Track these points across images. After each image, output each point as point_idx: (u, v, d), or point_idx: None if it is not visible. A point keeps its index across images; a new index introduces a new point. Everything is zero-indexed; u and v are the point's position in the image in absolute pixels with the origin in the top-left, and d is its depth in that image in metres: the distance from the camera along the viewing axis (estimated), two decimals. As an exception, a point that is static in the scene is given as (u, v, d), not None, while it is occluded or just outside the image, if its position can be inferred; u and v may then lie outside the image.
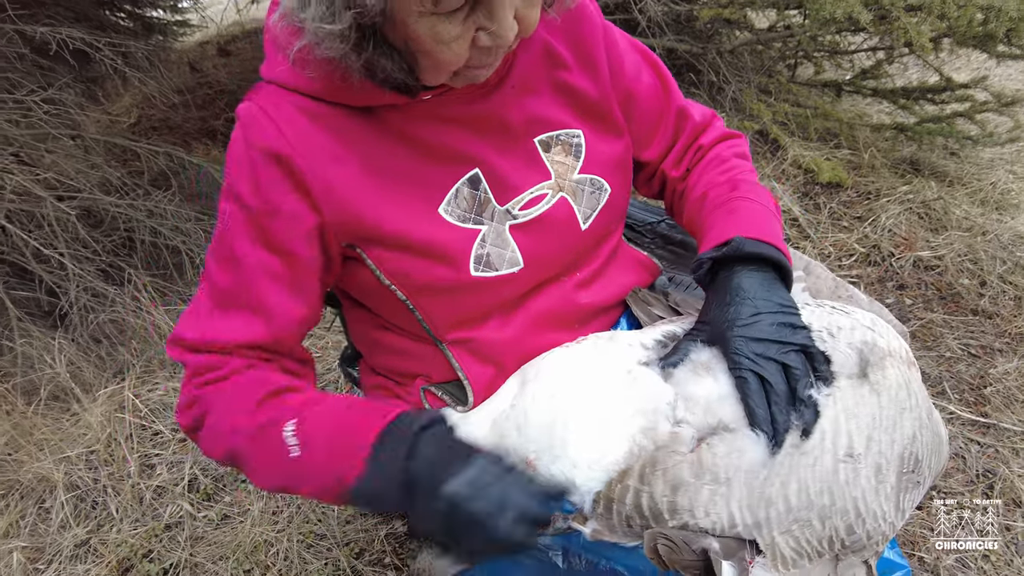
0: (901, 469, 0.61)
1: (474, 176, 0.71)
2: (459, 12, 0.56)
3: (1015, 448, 1.48)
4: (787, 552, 0.61)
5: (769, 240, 0.71)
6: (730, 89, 2.40)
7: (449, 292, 0.72)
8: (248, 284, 0.69)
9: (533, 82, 0.73)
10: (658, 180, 0.89)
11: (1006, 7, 1.65)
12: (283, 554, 1.38)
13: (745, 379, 0.62)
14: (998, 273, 1.95)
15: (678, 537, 0.60)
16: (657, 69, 0.84)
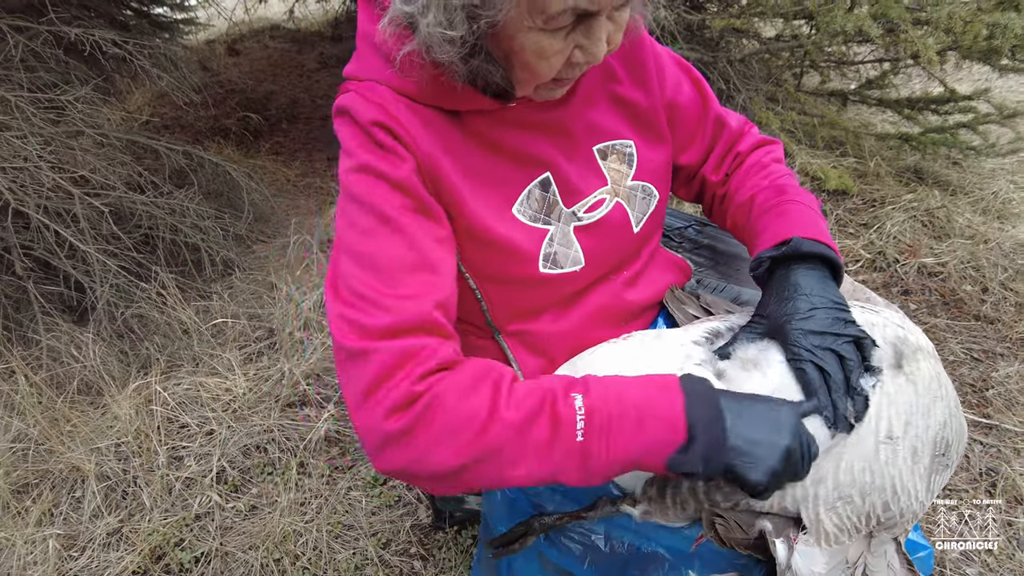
0: (934, 452, 0.66)
1: (545, 179, 0.76)
2: (562, 30, 0.61)
3: (1016, 448, 1.54)
4: (830, 528, 0.65)
5: (824, 240, 0.76)
6: (740, 97, 2.46)
7: (517, 285, 0.77)
8: (411, 243, 0.67)
9: (593, 94, 0.79)
10: (697, 183, 0.95)
11: (1012, 24, 1.72)
12: (312, 544, 1.42)
13: (804, 369, 0.67)
14: (999, 280, 2.01)
15: (732, 518, 0.65)
16: (696, 80, 0.89)
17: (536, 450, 0.62)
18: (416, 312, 0.64)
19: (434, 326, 0.65)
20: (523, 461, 0.62)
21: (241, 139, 3.70)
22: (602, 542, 0.82)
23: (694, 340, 0.76)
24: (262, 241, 2.73)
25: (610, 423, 0.61)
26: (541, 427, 0.61)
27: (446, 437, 0.61)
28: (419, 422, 0.61)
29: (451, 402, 0.61)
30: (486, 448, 0.61)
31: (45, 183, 1.80)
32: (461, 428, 0.61)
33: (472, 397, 0.62)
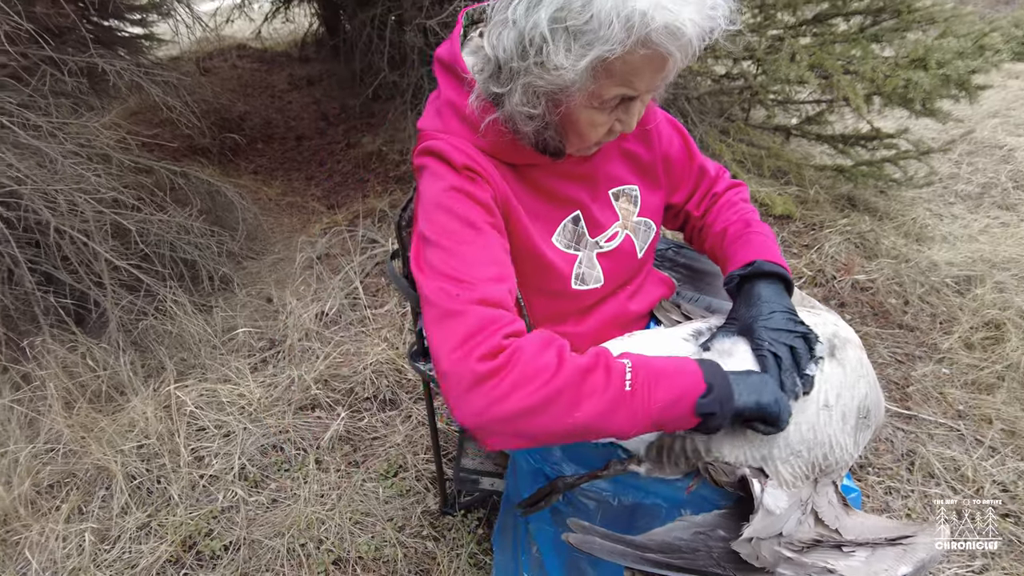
0: (858, 416, 0.90)
1: (576, 216, 0.98)
2: (608, 110, 0.82)
3: (931, 433, 1.83)
4: (787, 476, 0.89)
5: (779, 262, 1.01)
6: (697, 131, 2.75)
7: (553, 296, 0.98)
8: (489, 245, 0.83)
9: (608, 150, 1.01)
10: (681, 217, 1.18)
11: (920, 81, 2.05)
12: (335, 530, 1.58)
13: (765, 356, 0.89)
14: (918, 294, 2.34)
15: (718, 467, 0.88)
16: (684, 137, 1.13)
17: (592, 395, 0.76)
18: (497, 292, 0.80)
19: (508, 305, 0.81)
20: (583, 405, 0.76)
21: (221, 158, 3.81)
22: (612, 498, 1.03)
23: (683, 337, 0.99)
24: (252, 258, 2.86)
25: (650, 377, 0.79)
26: (598, 377, 0.77)
27: (524, 381, 0.75)
28: (503, 367, 0.75)
29: (528, 355, 0.76)
30: (555, 391, 0.75)
31: (59, 202, 1.91)
32: (536, 375, 0.75)
33: (544, 353, 0.77)
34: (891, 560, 0.85)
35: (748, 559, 0.83)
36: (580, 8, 0.71)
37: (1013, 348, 2.08)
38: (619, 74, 0.76)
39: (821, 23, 2.69)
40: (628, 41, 0.71)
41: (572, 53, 0.73)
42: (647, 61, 0.75)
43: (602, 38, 0.71)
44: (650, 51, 0.73)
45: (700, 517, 0.92)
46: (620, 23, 0.70)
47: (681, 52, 0.74)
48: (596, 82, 0.77)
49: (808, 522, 0.92)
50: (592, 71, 0.75)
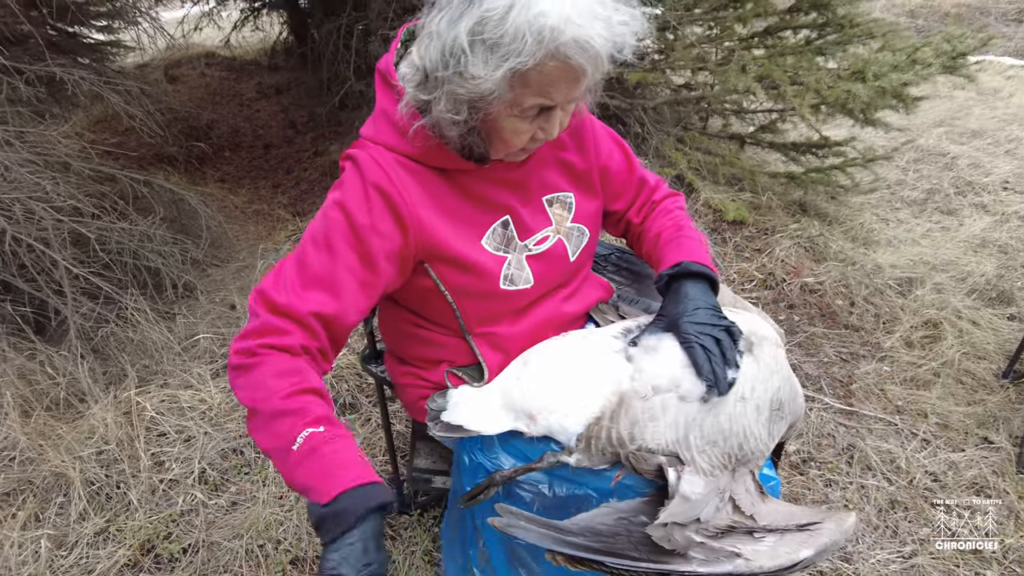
0: (771, 408, 0.97)
1: (505, 220, 1.03)
2: (530, 117, 0.88)
3: (870, 428, 1.92)
4: (704, 465, 0.95)
5: (704, 263, 1.07)
6: (653, 140, 2.83)
7: (483, 298, 1.04)
8: (333, 272, 0.91)
9: (544, 158, 1.07)
10: (623, 224, 1.25)
11: (859, 92, 2.15)
12: (292, 530, 1.61)
13: (693, 347, 0.95)
14: (863, 296, 2.44)
15: (639, 455, 0.94)
16: (624, 149, 1.19)
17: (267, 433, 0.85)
18: (301, 308, 0.89)
19: (304, 323, 0.89)
20: (261, 434, 0.86)
21: (187, 166, 3.81)
22: (547, 490, 1.08)
23: (613, 335, 1.05)
24: (216, 265, 2.88)
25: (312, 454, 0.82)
26: (283, 425, 0.84)
27: (247, 386, 0.87)
28: (243, 367, 0.87)
29: (263, 370, 0.86)
30: (256, 409, 0.86)
31: (15, 211, 1.92)
32: (257, 388, 0.86)
33: (279, 378, 0.85)
34: (796, 544, 0.92)
35: (660, 542, 0.89)
36: (496, 22, 0.77)
37: (948, 346, 2.19)
38: (535, 84, 0.82)
39: (772, 36, 2.80)
40: (539, 54, 0.77)
41: (489, 64, 0.79)
42: (560, 73, 0.81)
43: (515, 51, 0.77)
44: (561, 63, 0.79)
45: (624, 504, 0.98)
46: (532, 36, 0.76)
47: (591, 65, 0.80)
48: (513, 92, 0.83)
49: (726, 509, 0.98)
50: (508, 81, 0.81)
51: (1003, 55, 5.29)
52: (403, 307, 1.13)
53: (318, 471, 0.81)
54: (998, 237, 2.77)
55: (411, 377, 1.19)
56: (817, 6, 2.45)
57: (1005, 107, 4.19)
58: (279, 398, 0.85)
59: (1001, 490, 1.70)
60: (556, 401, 1.01)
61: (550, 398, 1.02)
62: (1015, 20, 6.00)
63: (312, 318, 0.90)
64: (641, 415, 0.95)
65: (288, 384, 0.86)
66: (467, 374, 1.13)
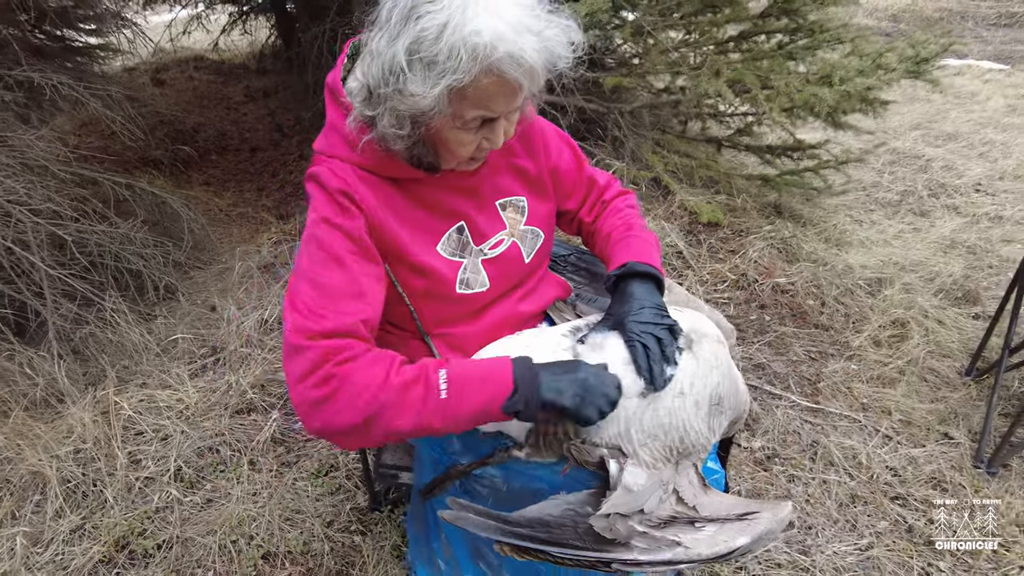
0: (711, 403, 1.01)
1: (460, 226, 1.07)
2: (474, 128, 0.91)
3: (835, 425, 1.96)
4: (646, 458, 0.99)
5: (650, 263, 1.11)
6: (630, 143, 2.88)
7: (440, 300, 1.07)
8: (352, 280, 0.93)
9: (496, 165, 1.10)
10: (576, 223, 1.29)
11: (824, 96, 2.20)
12: (265, 526, 1.65)
13: (634, 346, 1.00)
14: (833, 296, 2.49)
15: (582, 448, 0.97)
16: (573, 149, 1.23)
17: (412, 406, 0.88)
18: (345, 323, 0.90)
19: (356, 334, 0.91)
20: (404, 414, 0.88)
21: (172, 170, 3.84)
22: (502, 484, 1.12)
23: (562, 333, 1.09)
24: (199, 267, 2.91)
25: (464, 384, 0.90)
26: (417, 390, 0.88)
27: (352, 400, 0.87)
28: (333, 394, 0.87)
29: (356, 376, 0.87)
30: (379, 407, 0.87)
31: (12, 213, 1.95)
32: (361, 392, 0.87)
33: (370, 371, 0.88)
34: (734, 532, 0.96)
35: (602, 532, 0.93)
36: (432, 41, 0.80)
37: (914, 344, 2.24)
38: (473, 99, 0.86)
39: (747, 40, 2.85)
40: (474, 70, 0.81)
41: (427, 81, 0.82)
42: (497, 87, 0.85)
43: (451, 68, 0.81)
44: (497, 78, 0.83)
45: (572, 496, 1.02)
46: (467, 54, 0.80)
47: (527, 79, 0.84)
48: (452, 106, 0.86)
49: (670, 501, 1.02)
50: (447, 97, 0.84)
51: (982, 59, 5.37)
52: None
53: (481, 383, 0.90)
54: (967, 238, 2.83)
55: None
56: (787, 12, 2.50)
57: (981, 111, 4.25)
58: (392, 377, 0.88)
59: (957, 484, 1.75)
60: (507, 397, 1.05)
61: (501, 394, 1.05)
62: (995, 24, 6.09)
63: (359, 326, 0.92)
64: (585, 410, 0.99)
65: (384, 368, 0.89)
66: (426, 373, 1.16)
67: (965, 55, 5.46)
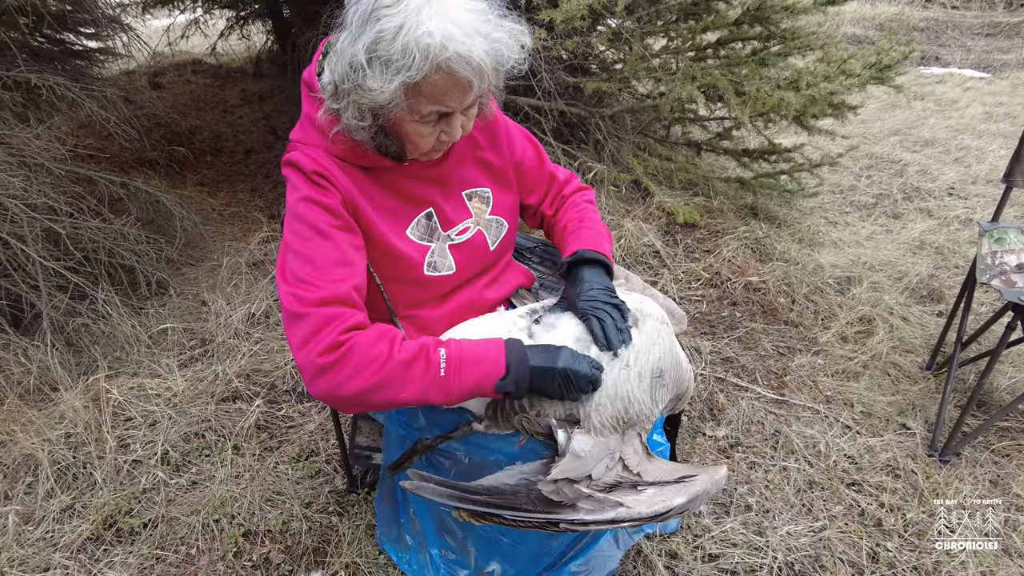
0: (652, 375, 1.09)
1: (429, 212, 1.15)
2: (431, 122, 0.99)
3: (798, 416, 2.04)
4: (596, 423, 1.07)
5: (599, 250, 1.20)
6: (610, 146, 2.97)
7: (409, 283, 1.16)
8: (337, 250, 1.01)
9: (462, 157, 1.19)
10: (538, 217, 1.38)
11: (789, 100, 2.30)
12: (246, 507, 1.72)
13: (588, 319, 1.09)
14: (803, 294, 2.57)
15: (532, 418, 1.06)
16: (536, 146, 1.32)
17: (415, 381, 0.98)
18: (339, 290, 0.98)
19: (350, 301, 1.00)
20: (407, 388, 0.98)
21: (168, 170, 3.92)
22: (464, 457, 1.20)
23: (519, 315, 1.17)
24: (191, 264, 2.99)
25: (461, 364, 1.00)
26: (419, 366, 0.99)
27: (359, 370, 0.95)
28: (341, 360, 0.95)
29: (362, 348, 0.96)
30: (384, 378, 0.96)
31: (8, 207, 2.03)
32: (368, 364, 0.96)
33: (376, 345, 0.97)
34: (671, 493, 1.04)
35: (550, 496, 1.01)
36: (388, 41, 0.89)
37: (879, 340, 2.32)
38: (427, 94, 0.94)
39: (724, 47, 2.94)
40: (425, 68, 0.89)
41: (384, 78, 0.91)
42: (448, 84, 0.93)
43: (405, 66, 0.89)
44: (447, 75, 0.91)
45: (526, 465, 1.10)
46: (419, 53, 0.88)
47: (475, 77, 0.93)
48: (408, 100, 0.95)
49: (616, 468, 1.10)
50: (403, 92, 0.93)
51: (965, 67, 5.48)
52: None
53: (477, 363, 0.99)
54: (935, 239, 2.92)
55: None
56: (760, 20, 2.59)
57: (959, 117, 4.36)
58: (396, 353, 0.97)
59: (910, 471, 1.83)
60: (466, 374, 1.13)
61: (461, 371, 1.14)
62: (978, 34, 6.21)
63: (351, 292, 1.01)
64: (536, 385, 1.07)
65: (388, 343, 0.98)
66: (393, 352, 1.25)
67: (948, 63, 5.57)
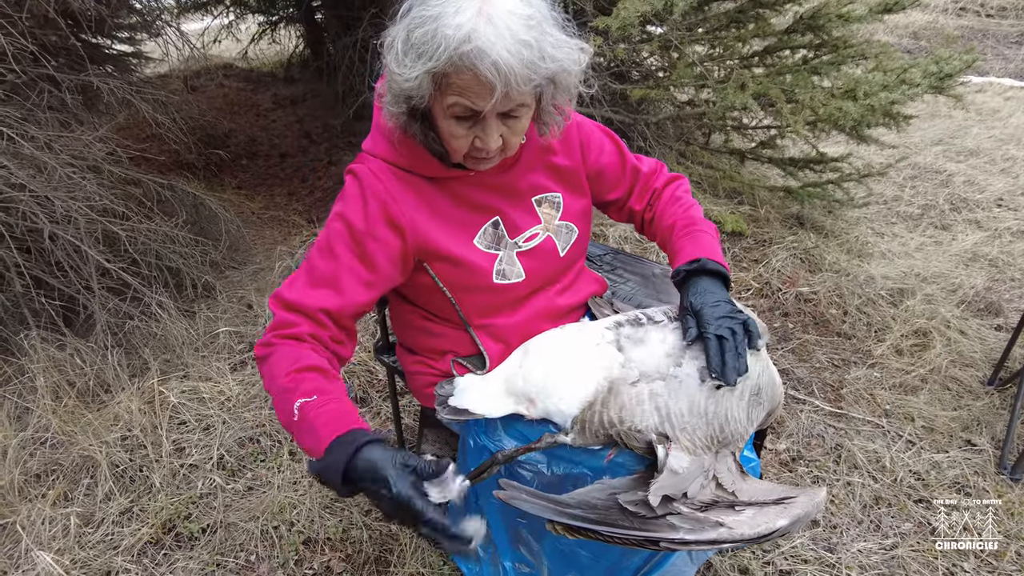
0: (751, 393, 1.06)
1: (496, 220, 1.14)
2: (464, 121, 0.97)
3: (858, 429, 2.00)
4: (687, 444, 1.04)
5: (721, 262, 1.15)
6: (655, 153, 2.94)
7: (478, 292, 1.14)
8: (337, 273, 1.04)
9: (533, 163, 1.17)
10: (626, 211, 1.34)
11: (848, 110, 2.26)
12: (305, 514, 1.71)
13: (710, 338, 1.02)
14: (855, 305, 2.53)
15: (627, 431, 1.03)
16: (615, 142, 1.29)
17: (281, 411, 0.97)
18: (308, 303, 1.02)
19: (311, 315, 1.03)
20: (279, 412, 0.98)
21: (206, 173, 3.95)
22: (546, 469, 1.17)
23: (606, 327, 1.15)
24: (234, 267, 3.00)
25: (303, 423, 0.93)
26: (285, 402, 0.95)
27: (266, 374, 1.00)
28: (264, 358, 1.01)
29: (276, 357, 0.99)
30: (271, 391, 0.99)
31: (56, 212, 2.04)
32: (268, 373, 0.99)
33: (283, 362, 0.98)
34: (773, 515, 1.01)
35: (631, 507, 0.98)
36: (421, 28, 0.88)
37: (936, 354, 2.27)
38: (453, 87, 0.91)
39: (771, 55, 2.91)
40: (445, 58, 0.87)
41: (411, 64, 0.90)
42: (472, 81, 0.89)
43: (429, 53, 0.87)
44: (471, 71, 0.88)
45: (616, 480, 1.07)
46: (446, 43, 0.86)
47: (500, 80, 0.87)
48: (436, 91, 0.93)
49: (711, 487, 1.07)
50: (430, 80, 0.91)
51: (1003, 77, 5.39)
52: (410, 303, 1.24)
53: (311, 434, 0.93)
54: (989, 251, 2.86)
55: (420, 366, 1.30)
56: (812, 28, 2.56)
57: (1003, 127, 4.28)
58: (281, 378, 0.98)
59: (981, 489, 1.78)
60: (553, 386, 1.11)
61: (548, 384, 1.11)
62: (1016, 43, 6.11)
63: (319, 312, 1.04)
64: (628, 400, 1.05)
65: (288, 365, 0.98)
66: (471, 363, 1.23)
67: (986, 72, 5.49)
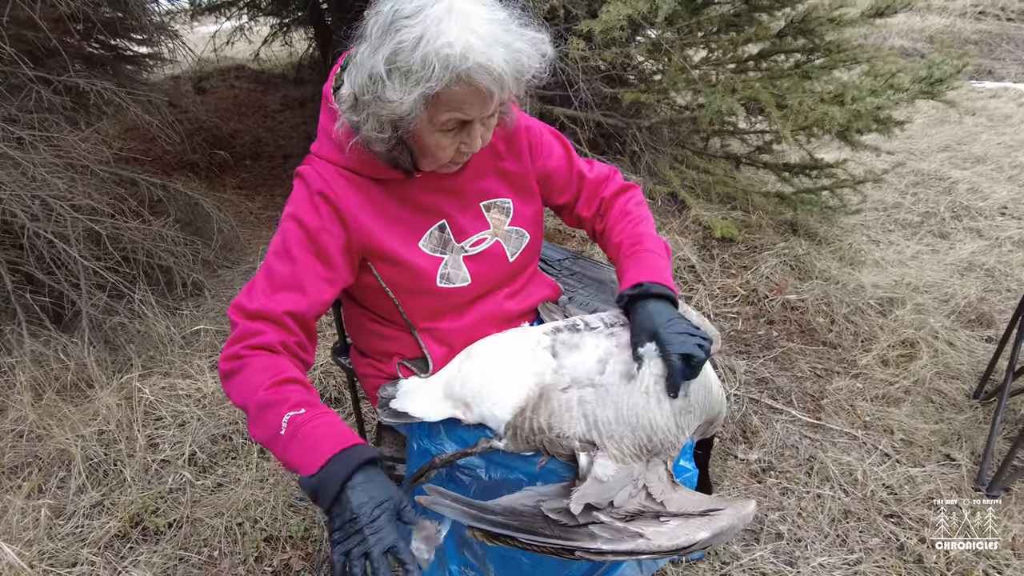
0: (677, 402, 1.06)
1: (442, 224, 1.14)
2: (451, 132, 0.98)
3: (834, 441, 1.97)
4: (615, 452, 1.03)
5: (665, 282, 1.12)
6: (646, 157, 2.92)
7: (422, 295, 1.14)
8: (297, 274, 1.02)
9: (482, 168, 1.17)
10: (575, 217, 1.32)
11: (834, 115, 2.22)
12: (269, 511, 1.73)
13: (672, 359, 0.99)
14: (843, 314, 2.49)
15: (553, 439, 1.03)
16: (564, 144, 1.28)
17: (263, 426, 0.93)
18: (272, 309, 1.00)
19: (278, 321, 1.00)
20: (257, 428, 0.94)
21: (208, 173, 4.01)
22: (484, 474, 1.17)
23: (544, 332, 1.15)
24: (226, 266, 3.04)
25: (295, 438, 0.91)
26: (270, 415, 0.93)
27: (238, 388, 0.97)
28: (233, 372, 0.97)
29: (249, 370, 0.96)
30: (246, 406, 0.95)
31: (54, 208, 2.09)
32: (243, 386, 0.96)
33: (259, 374, 0.95)
34: (695, 527, 1.00)
35: (553, 515, 0.98)
36: (408, 52, 0.88)
37: (922, 365, 2.23)
38: (447, 103, 0.93)
39: (766, 59, 2.88)
40: (446, 79, 0.87)
41: (404, 89, 0.90)
42: (468, 94, 0.91)
43: (425, 77, 0.88)
44: (467, 86, 0.90)
45: (546, 487, 1.07)
46: (439, 64, 0.86)
47: (496, 87, 0.90)
48: (428, 111, 0.93)
49: (640, 496, 1.06)
50: (423, 103, 0.91)
51: (1020, 82, 5.27)
52: (359, 304, 1.25)
53: (303, 448, 0.90)
54: (986, 261, 2.79)
55: (371, 368, 1.30)
56: (803, 32, 2.53)
57: (1014, 133, 4.18)
58: (262, 391, 0.94)
59: (954, 505, 1.74)
60: (487, 391, 1.11)
61: (482, 388, 1.11)
62: (1036, 47, 5.96)
63: (286, 316, 1.01)
64: (558, 406, 1.05)
65: (268, 377, 0.95)
66: (415, 366, 1.23)
67: (1002, 77, 5.37)
